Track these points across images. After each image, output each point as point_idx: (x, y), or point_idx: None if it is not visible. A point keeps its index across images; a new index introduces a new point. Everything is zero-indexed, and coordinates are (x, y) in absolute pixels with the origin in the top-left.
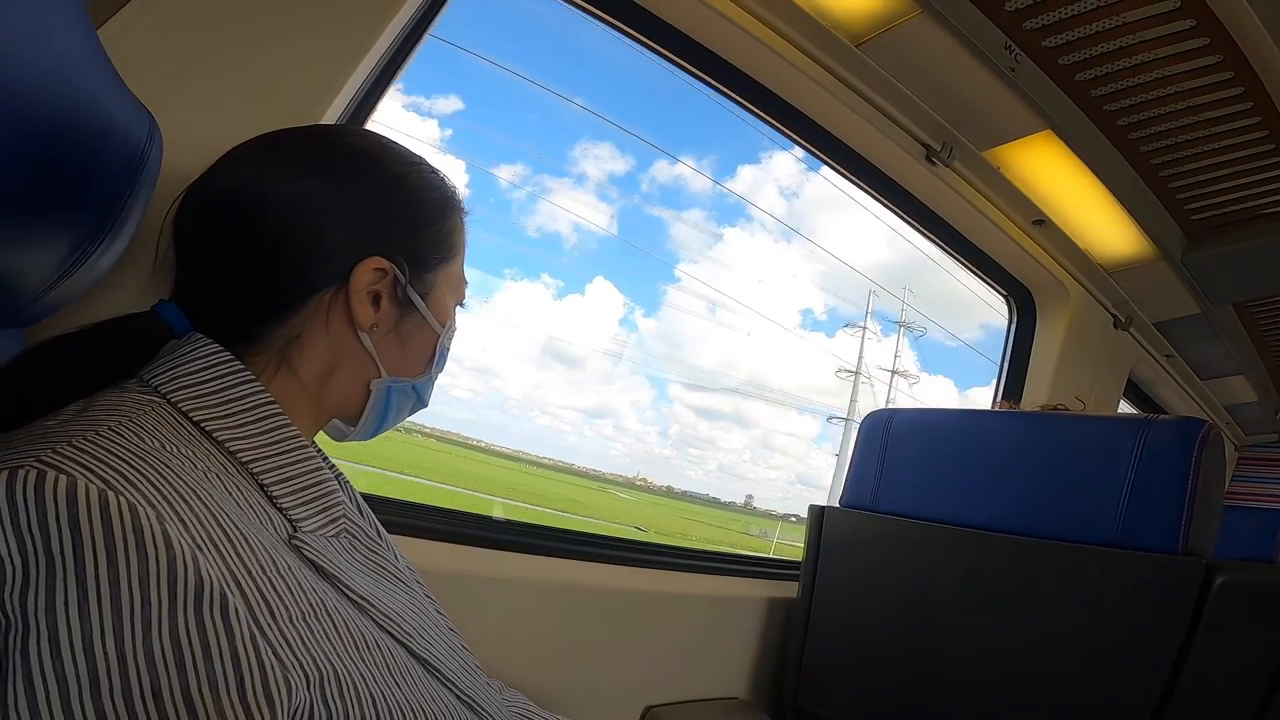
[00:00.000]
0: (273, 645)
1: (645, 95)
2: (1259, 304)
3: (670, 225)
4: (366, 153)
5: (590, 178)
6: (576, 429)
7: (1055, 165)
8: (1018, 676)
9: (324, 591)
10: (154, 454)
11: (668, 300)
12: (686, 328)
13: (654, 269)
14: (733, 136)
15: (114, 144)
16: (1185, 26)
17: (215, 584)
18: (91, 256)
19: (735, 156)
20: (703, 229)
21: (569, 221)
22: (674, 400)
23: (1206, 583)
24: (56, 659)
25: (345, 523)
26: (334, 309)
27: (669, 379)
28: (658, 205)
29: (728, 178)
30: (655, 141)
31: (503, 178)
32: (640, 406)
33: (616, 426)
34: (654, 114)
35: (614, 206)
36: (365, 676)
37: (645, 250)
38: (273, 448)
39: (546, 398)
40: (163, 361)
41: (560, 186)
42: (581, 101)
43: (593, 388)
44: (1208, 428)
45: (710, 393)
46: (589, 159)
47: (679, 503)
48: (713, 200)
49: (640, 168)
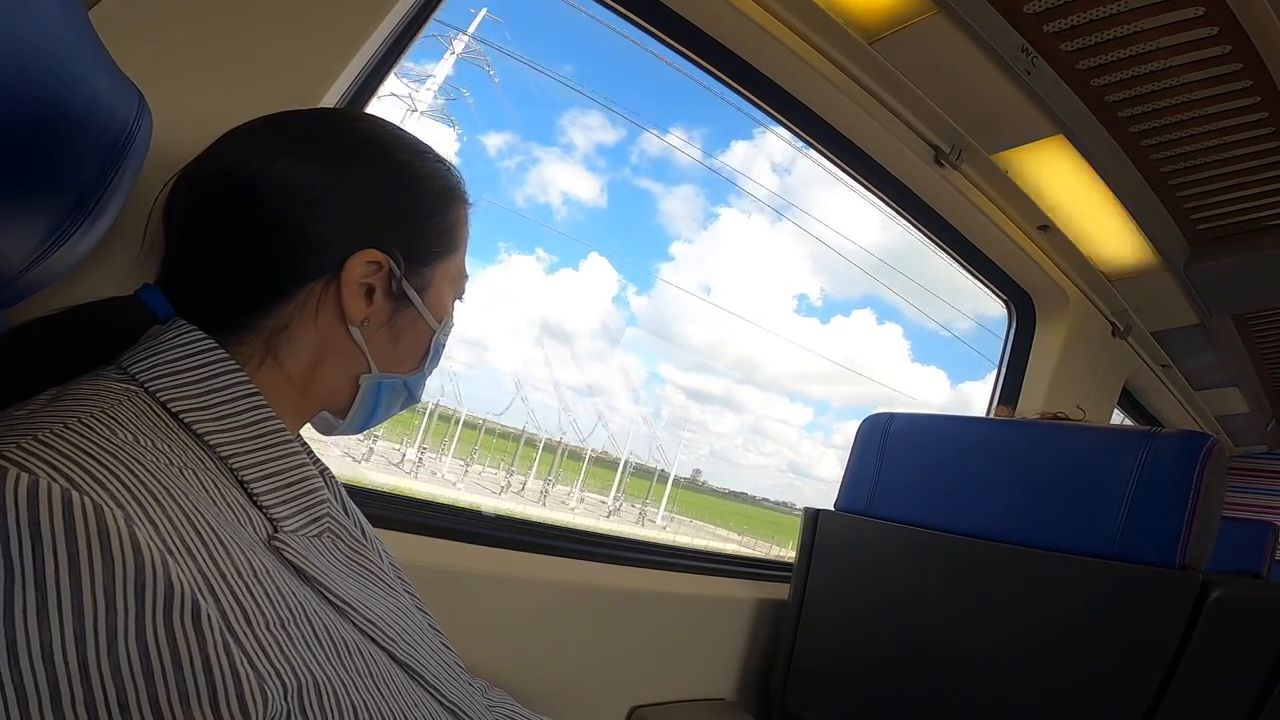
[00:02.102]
0: (248, 653)
1: (638, 61)
2: (1257, 316)
3: (660, 199)
4: (371, 139)
5: (579, 147)
6: (568, 406)
7: (1064, 170)
8: (1009, 685)
9: (304, 595)
10: (126, 449)
11: (661, 278)
12: (679, 308)
13: (644, 249)
14: (725, 110)
15: (99, 122)
16: (1207, 34)
17: (186, 590)
18: (72, 237)
19: (728, 131)
20: (694, 204)
21: (559, 193)
22: (666, 381)
23: (1201, 597)
24: (15, 669)
25: (329, 522)
26: (324, 301)
27: (661, 359)
28: (646, 178)
29: (720, 150)
30: (647, 110)
31: (491, 145)
32: (632, 386)
33: (609, 406)
34: (647, 81)
35: (603, 179)
36: (347, 684)
37: (633, 228)
38: (255, 442)
39: (540, 374)
40: (143, 348)
41: (548, 156)
42: (570, 69)
43: (586, 365)
44: (1211, 443)
45: (704, 376)
46: (577, 128)
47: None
48: (704, 176)
49: (630, 139)
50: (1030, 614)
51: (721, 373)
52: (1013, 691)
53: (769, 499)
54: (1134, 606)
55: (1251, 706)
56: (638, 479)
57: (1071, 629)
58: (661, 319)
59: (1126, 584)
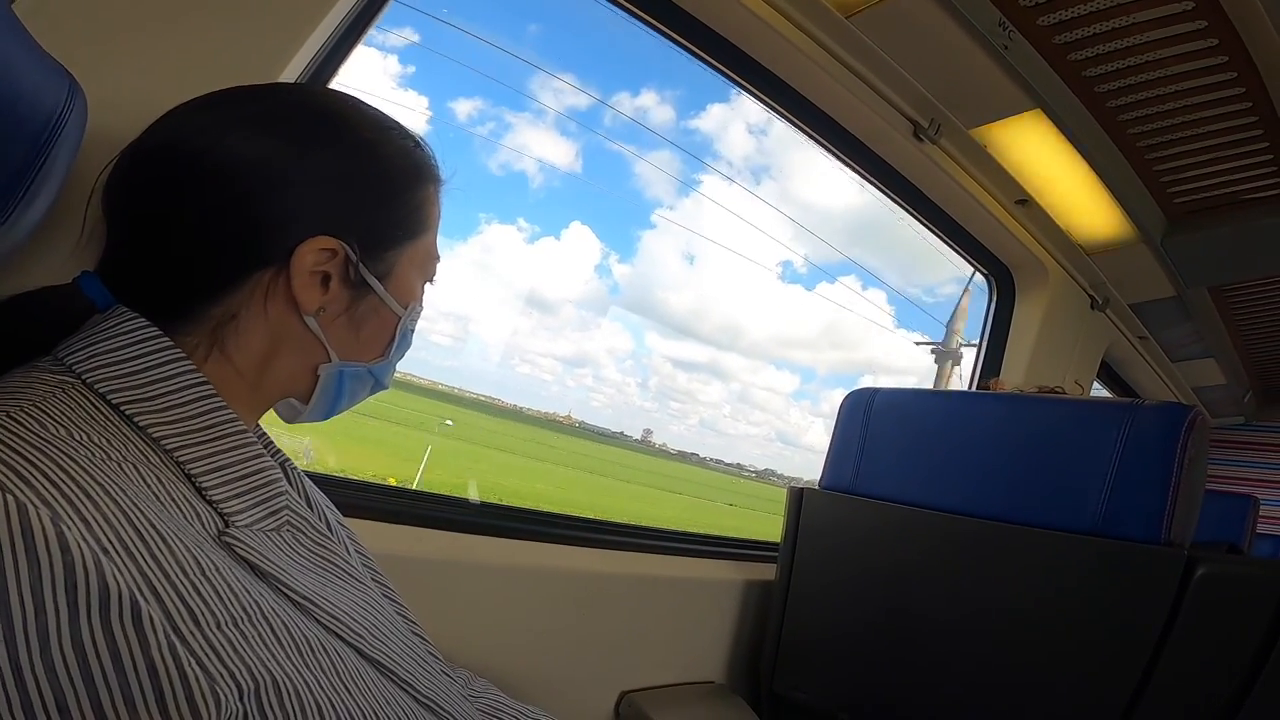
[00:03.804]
0: (196, 654)
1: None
2: (1233, 288)
3: (635, 164)
4: (335, 114)
5: (549, 112)
6: (558, 378)
7: (1042, 145)
8: (995, 661)
9: (260, 592)
10: (56, 443)
11: (643, 246)
12: (664, 272)
13: (626, 212)
14: (701, 74)
15: (23, 108)
16: (1183, 9)
17: (124, 591)
18: (1, 227)
19: (704, 95)
20: (671, 174)
21: (533, 160)
22: (651, 350)
23: (1187, 573)
24: None
25: (288, 514)
26: (274, 290)
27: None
28: (620, 140)
29: (696, 113)
30: (618, 73)
31: (461, 111)
32: (619, 355)
33: (596, 376)
34: (619, 40)
35: (578, 143)
36: (309, 683)
37: (611, 190)
38: (203, 434)
39: (526, 345)
40: (81, 338)
41: (520, 121)
42: (536, 29)
43: (570, 335)
44: (1195, 414)
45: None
46: (548, 91)
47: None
48: (684, 137)
49: (606, 98)
50: (1016, 591)
51: (705, 338)
52: (999, 669)
53: (722, 460)
54: (1119, 583)
55: (1240, 683)
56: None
57: (1057, 605)
58: (645, 286)
59: (1112, 561)
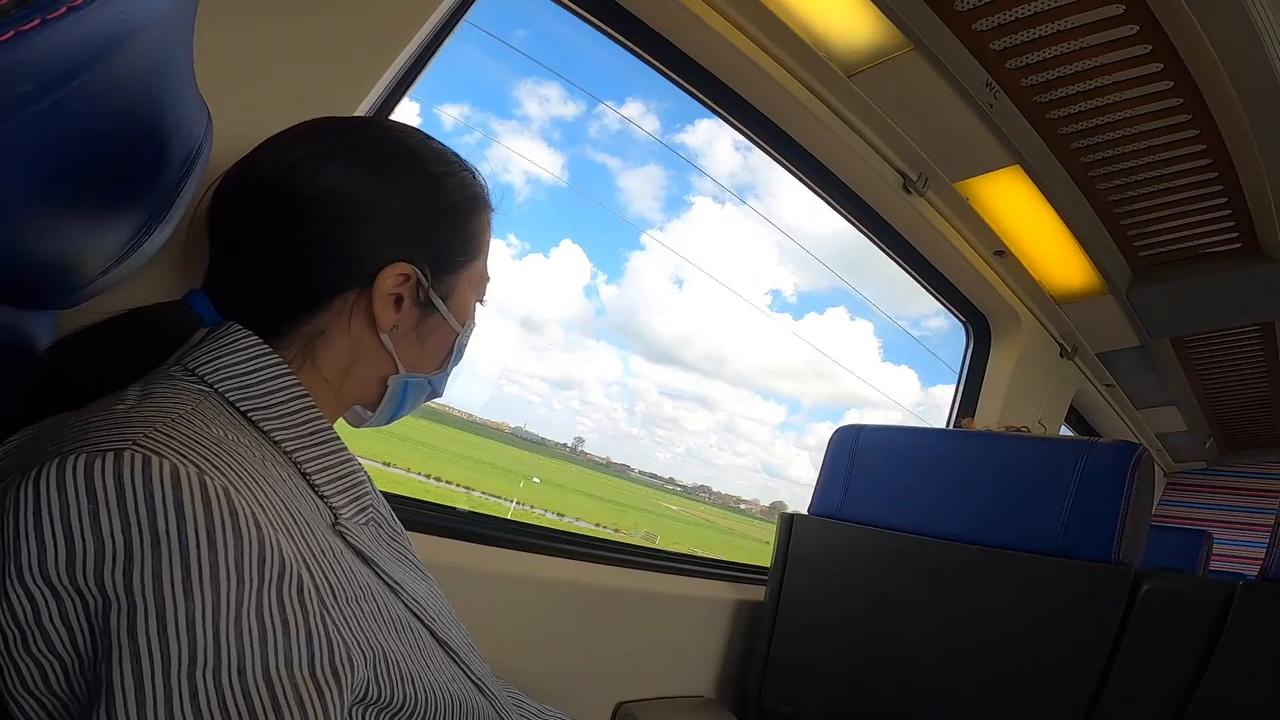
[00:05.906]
0: (336, 625)
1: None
2: (1194, 339)
3: (618, 175)
4: (410, 150)
5: (534, 119)
6: (544, 400)
7: (1019, 199)
8: (968, 676)
9: (367, 576)
10: (223, 443)
11: (630, 268)
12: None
13: (615, 235)
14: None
15: (181, 138)
16: (1153, 70)
17: (292, 565)
18: (143, 246)
19: (692, 109)
20: (661, 187)
21: (521, 171)
22: (638, 374)
23: (1134, 589)
24: (162, 636)
25: (373, 511)
26: (357, 309)
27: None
28: (604, 153)
29: (684, 125)
30: (607, 83)
31: (449, 116)
32: (606, 381)
33: (583, 400)
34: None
35: (564, 155)
36: (405, 656)
37: (598, 203)
38: (310, 438)
39: (515, 364)
40: (205, 351)
41: (506, 130)
42: (523, 34)
43: (558, 357)
44: (1141, 450)
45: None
46: (533, 99)
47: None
48: (672, 159)
49: (595, 112)
50: (987, 608)
51: (691, 364)
52: (971, 681)
53: (657, 475)
54: (1077, 598)
55: (1185, 689)
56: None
57: (1023, 620)
58: (631, 309)
59: (1068, 578)
